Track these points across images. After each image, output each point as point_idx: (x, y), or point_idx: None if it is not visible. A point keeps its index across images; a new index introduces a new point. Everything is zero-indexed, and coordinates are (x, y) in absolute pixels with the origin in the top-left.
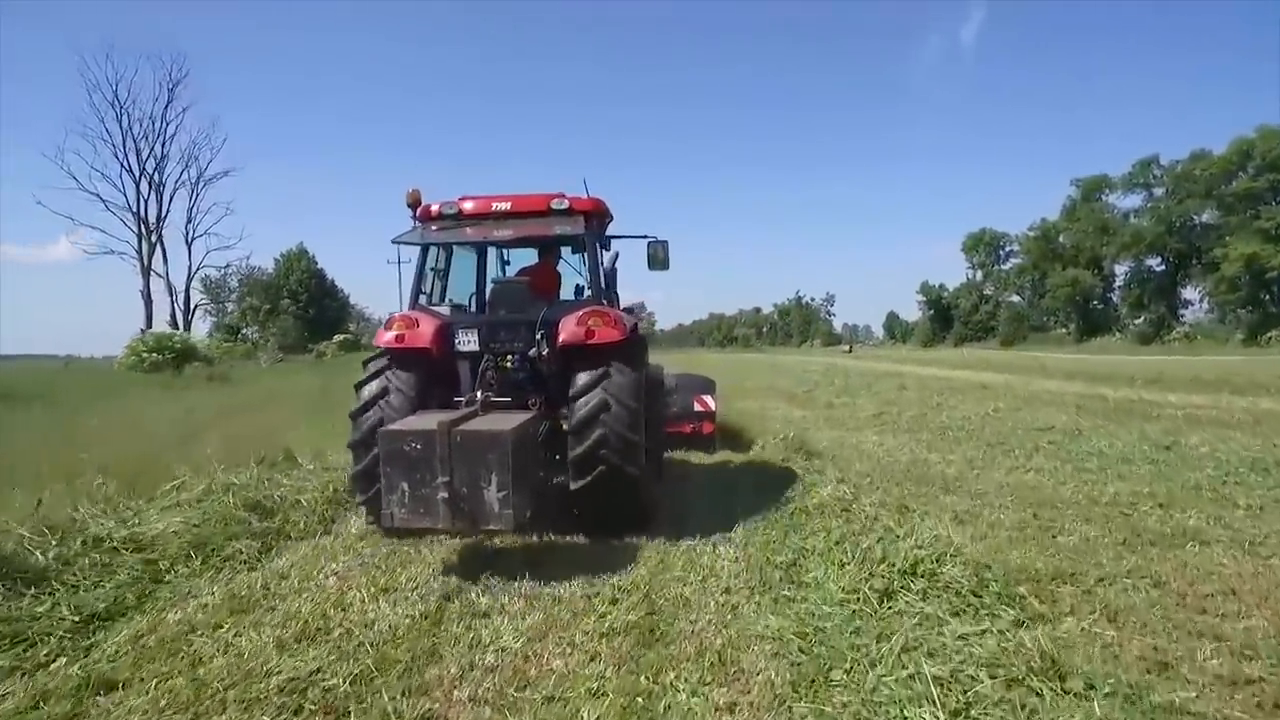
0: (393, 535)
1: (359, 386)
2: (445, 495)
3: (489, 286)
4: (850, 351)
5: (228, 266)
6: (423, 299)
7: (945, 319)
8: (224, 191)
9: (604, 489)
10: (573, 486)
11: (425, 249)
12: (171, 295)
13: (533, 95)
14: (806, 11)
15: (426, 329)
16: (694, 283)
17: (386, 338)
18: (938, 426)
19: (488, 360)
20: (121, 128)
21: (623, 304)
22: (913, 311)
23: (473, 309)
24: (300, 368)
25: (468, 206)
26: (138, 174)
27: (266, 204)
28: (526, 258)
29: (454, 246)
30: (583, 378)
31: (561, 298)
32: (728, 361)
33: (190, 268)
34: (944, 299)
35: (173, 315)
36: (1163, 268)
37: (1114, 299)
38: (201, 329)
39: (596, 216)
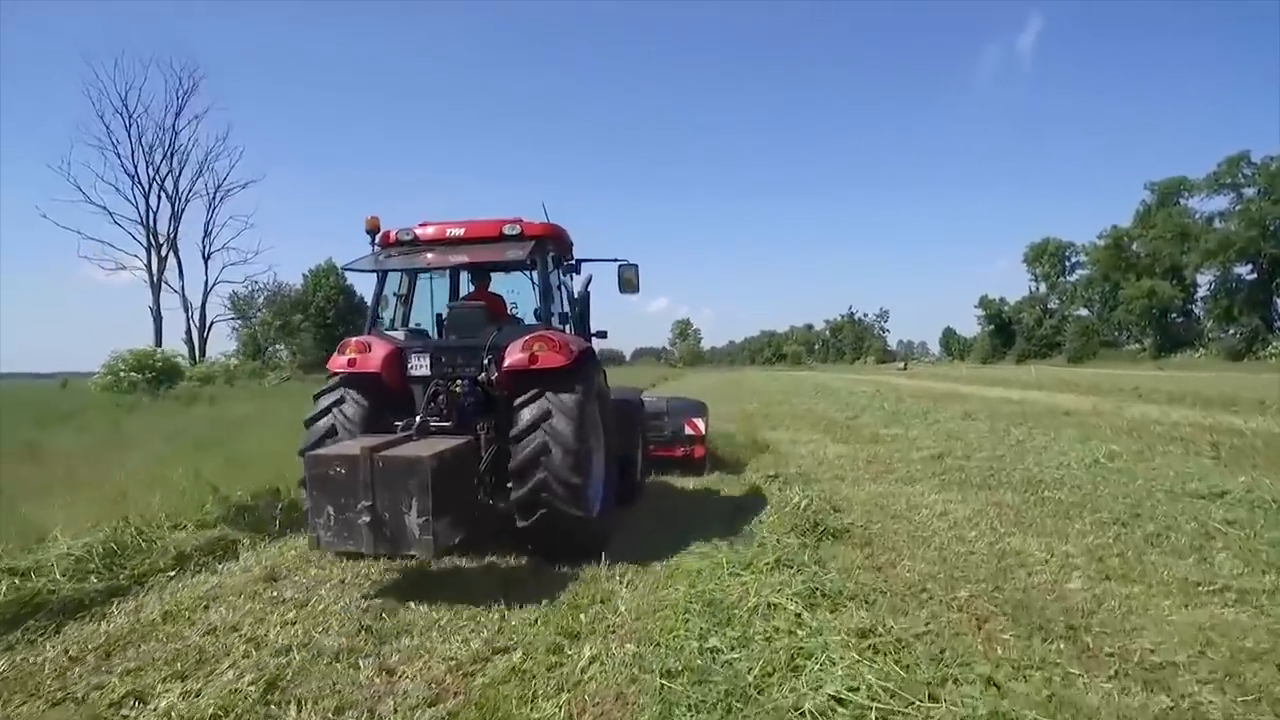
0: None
1: (311, 419)
2: (368, 519)
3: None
4: (905, 369)
5: (247, 281)
6: (381, 324)
7: (1006, 334)
8: (244, 204)
9: (547, 529)
10: (518, 524)
11: (383, 275)
12: (187, 311)
13: (579, 111)
14: (859, 24)
15: (378, 354)
16: (746, 300)
17: (339, 362)
18: (1025, 480)
19: (437, 385)
20: (130, 137)
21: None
22: (971, 327)
23: (434, 334)
24: (304, 388)
25: (422, 232)
26: (147, 185)
27: (297, 218)
28: (498, 283)
29: (416, 272)
30: (524, 414)
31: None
32: (769, 381)
33: (206, 283)
34: (1005, 313)
35: (188, 332)
36: (1254, 276)
37: (1196, 311)
38: (228, 346)
39: (551, 241)
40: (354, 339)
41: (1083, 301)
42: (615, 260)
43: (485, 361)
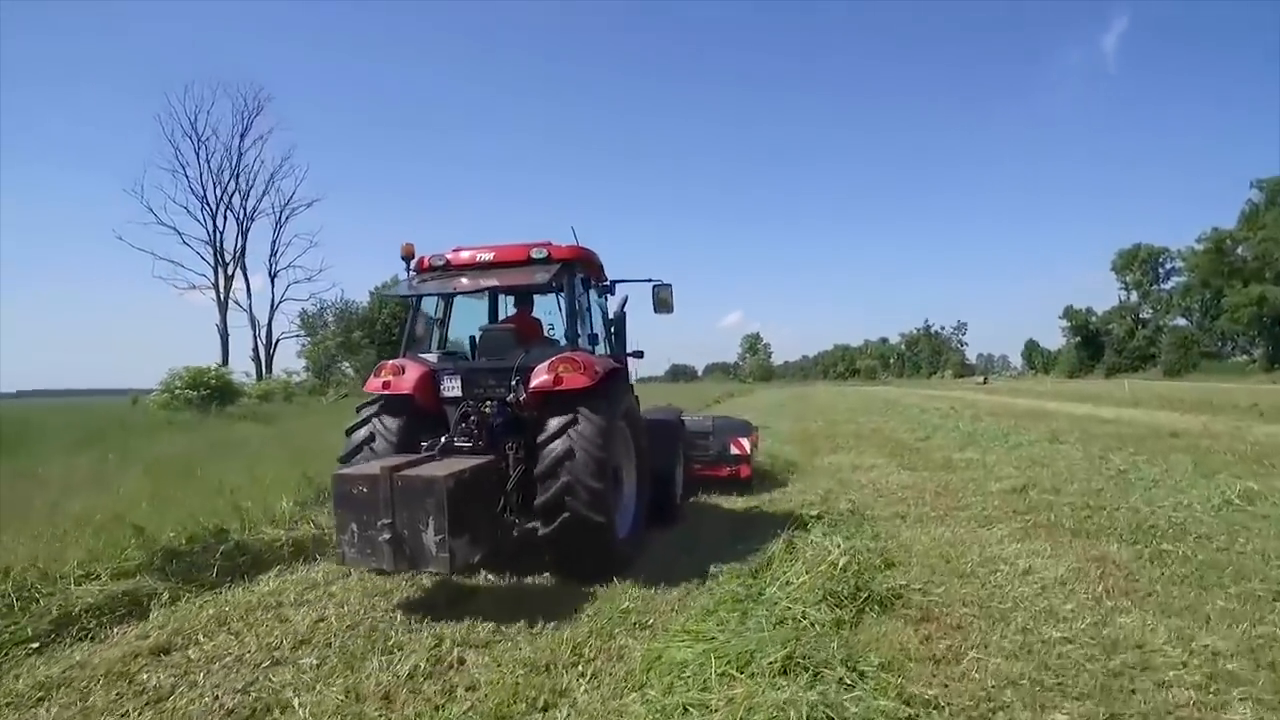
0: None
1: (350, 431)
2: (388, 537)
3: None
4: (984, 383)
5: (312, 298)
6: (416, 346)
7: (1094, 347)
8: (308, 223)
9: (570, 536)
10: (540, 533)
11: (417, 299)
12: (254, 329)
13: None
14: (934, 32)
15: (411, 376)
16: (820, 314)
17: (375, 384)
18: (1134, 526)
19: (467, 406)
20: (199, 159)
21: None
22: (1055, 339)
23: (470, 356)
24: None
25: (454, 258)
26: (215, 206)
27: (363, 235)
28: (541, 306)
29: (448, 296)
30: (550, 424)
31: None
32: (838, 397)
33: (273, 301)
34: (1092, 324)
35: (255, 349)
36: None
37: None
38: (296, 363)
39: (579, 264)
40: (389, 362)
41: (1180, 310)
42: (650, 281)
43: (513, 383)
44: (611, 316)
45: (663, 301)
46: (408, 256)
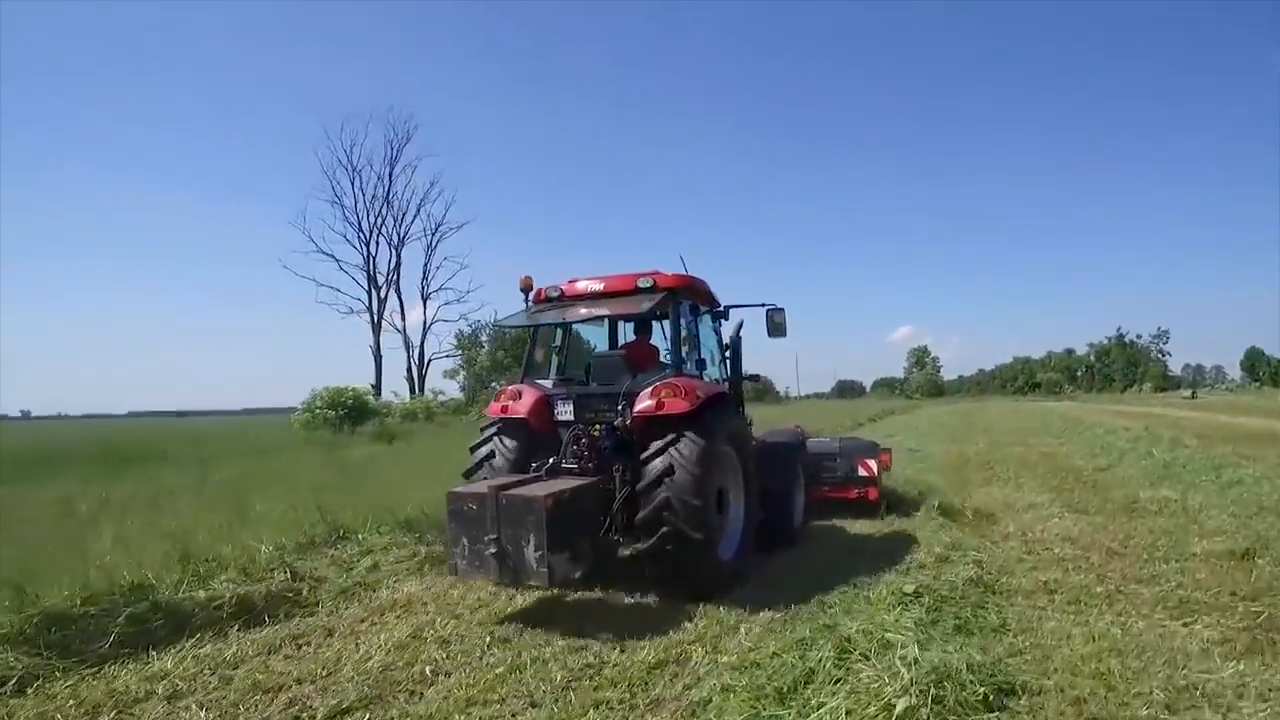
0: None
1: (473, 450)
2: (494, 551)
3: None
4: (1193, 398)
5: (460, 318)
6: (535, 372)
7: None
8: (459, 246)
9: (668, 551)
10: (641, 548)
11: (535, 328)
12: (408, 350)
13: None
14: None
15: (526, 401)
16: (997, 326)
17: (494, 408)
18: None
19: (577, 429)
20: (354, 188)
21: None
22: None
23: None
24: None
25: (568, 289)
26: (368, 233)
27: (518, 257)
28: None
29: (573, 325)
30: (652, 445)
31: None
32: (1009, 414)
33: (425, 322)
34: None
35: (409, 371)
36: None
37: None
38: (445, 384)
39: (685, 292)
40: (509, 387)
41: None
42: (763, 305)
43: (620, 407)
44: (726, 341)
45: (776, 325)
46: (526, 289)
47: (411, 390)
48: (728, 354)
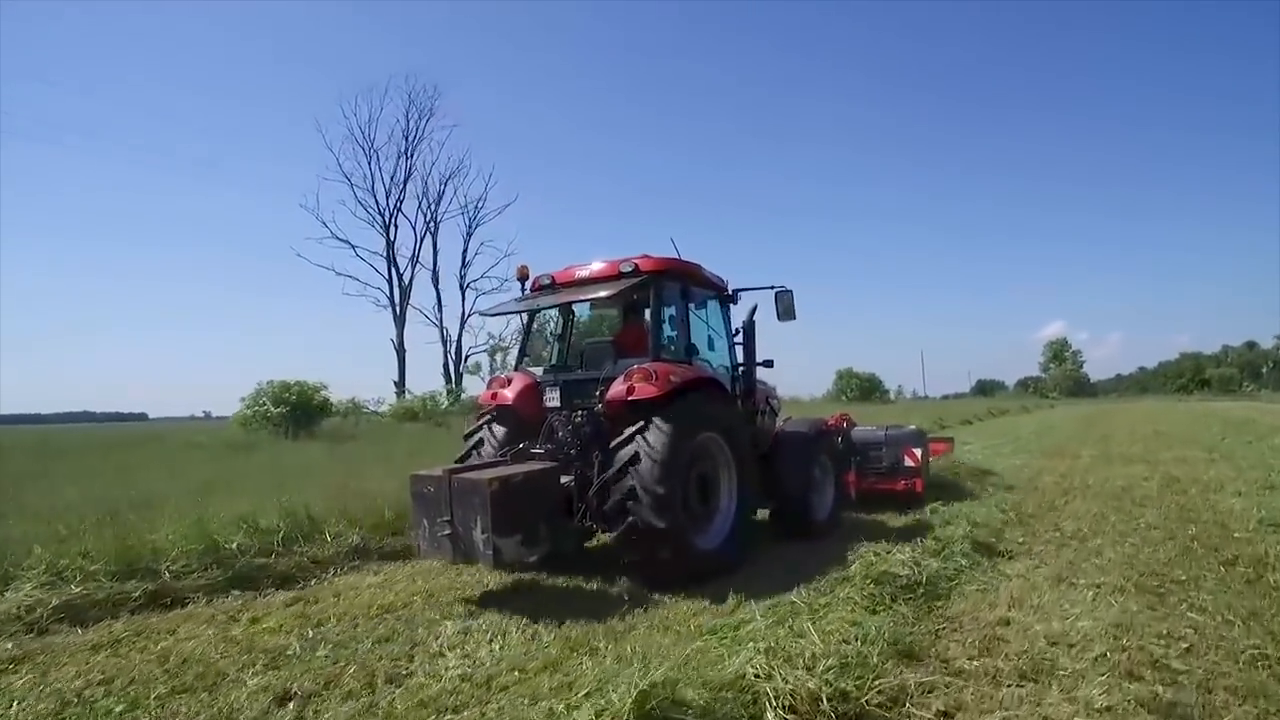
0: None
1: (466, 437)
2: (448, 533)
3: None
4: None
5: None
6: (530, 360)
7: None
8: (503, 231)
9: (635, 541)
10: (609, 537)
11: (531, 317)
12: (445, 344)
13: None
14: None
15: (515, 388)
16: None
17: (485, 396)
18: None
19: (555, 416)
20: (370, 167)
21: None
22: None
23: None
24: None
25: (559, 275)
26: (388, 216)
27: (569, 243)
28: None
29: (570, 311)
30: (624, 432)
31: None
32: (1154, 416)
33: (463, 314)
34: None
35: (445, 365)
36: None
37: None
38: (474, 383)
39: (670, 276)
40: (501, 375)
41: None
42: (772, 288)
43: (598, 393)
44: (737, 326)
45: (785, 308)
46: (522, 278)
47: (450, 386)
48: (737, 339)
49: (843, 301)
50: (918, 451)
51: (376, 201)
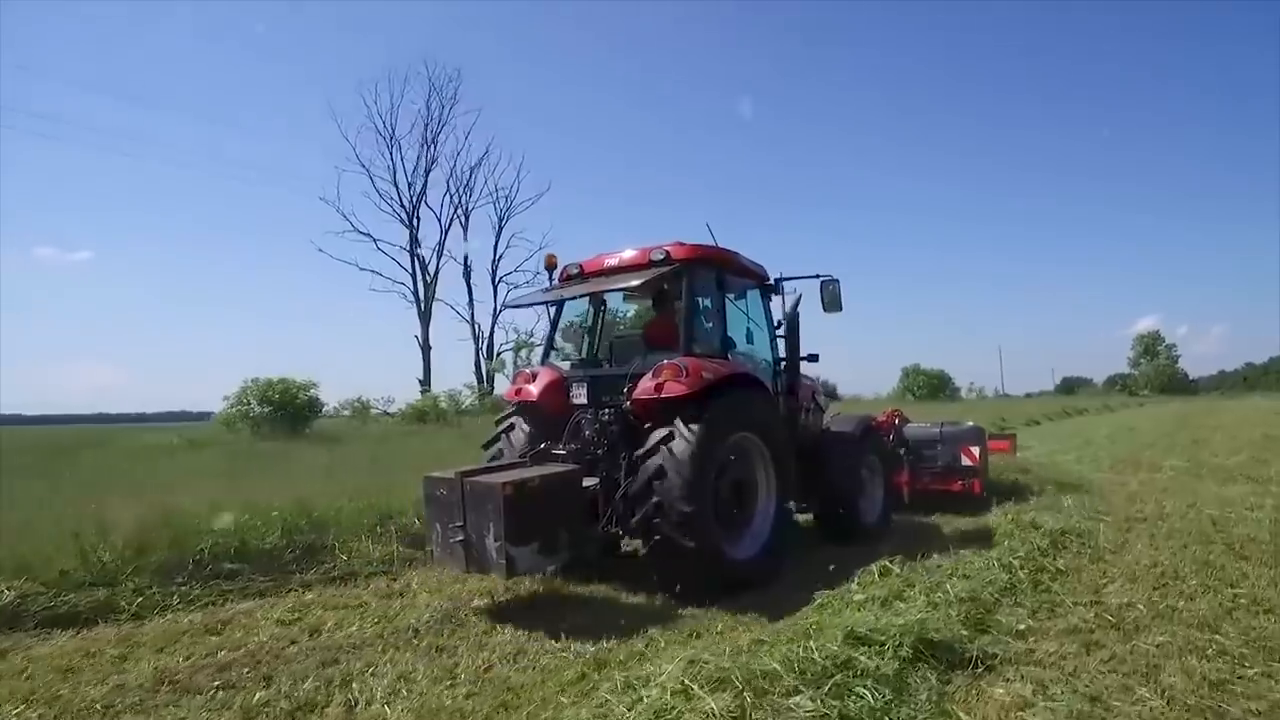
0: None
1: (493, 436)
2: (460, 539)
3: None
4: None
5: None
6: (558, 354)
7: None
8: (538, 222)
9: (663, 558)
10: (637, 550)
11: (559, 309)
12: (476, 341)
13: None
14: None
15: (540, 383)
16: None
17: (510, 392)
18: None
19: (582, 413)
20: (391, 156)
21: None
22: None
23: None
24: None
25: (587, 265)
26: (410, 207)
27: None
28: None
29: (602, 302)
30: (650, 439)
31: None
32: (1260, 418)
33: (495, 310)
34: None
35: (476, 363)
36: None
37: None
38: (501, 381)
39: (703, 264)
40: (525, 370)
41: None
42: (816, 276)
43: (625, 390)
44: (780, 318)
45: (831, 299)
46: (550, 267)
47: (480, 384)
48: (780, 332)
49: (918, 297)
50: (975, 450)
51: (399, 193)
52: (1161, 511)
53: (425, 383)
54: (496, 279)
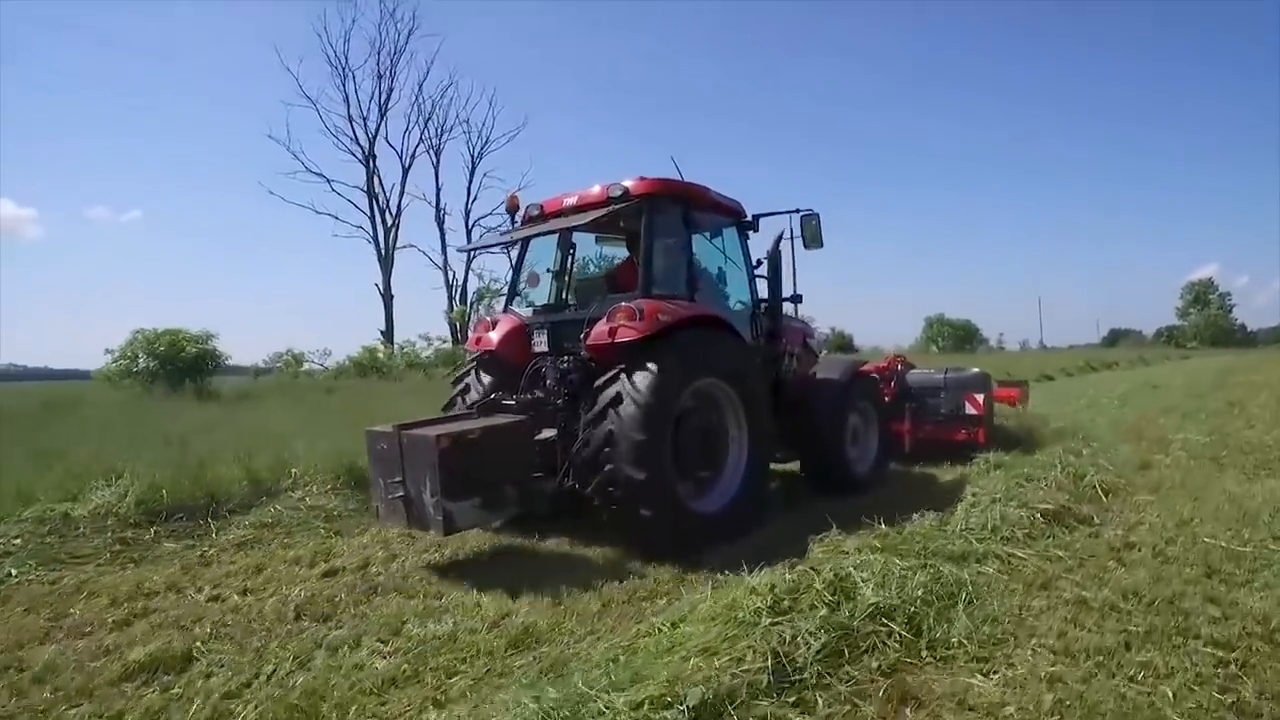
0: None
1: (453, 385)
2: (400, 494)
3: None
4: None
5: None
6: (521, 299)
7: None
8: (514, 160)
9: (611, 494)
10: (585, 492)
11: (523, 251)
12: (450, 289)
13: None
14: None
15: (500, 331)
16: None
17: (470, 340)
18: None
19: (543, 361)
20: (344, 91)
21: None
22: None
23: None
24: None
25: (547, 205)
26: (367, 145)
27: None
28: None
29: (570, 244)
30: (601, 379)
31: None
32: None
33: (469, 256)
34: None
35: (449, 311)
36: None
37: None
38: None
39: (666, 199)
40: (485, 318)
41: None
42: (795, 211)
43: (582, 335)
44: (760, 258)
45: (812, 235)
46: (512, 209)
47: (453, 335)
48: (759, 272)
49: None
50: (980, 398)
51: (353, 130)
52: (1125, 542)
53: (388, 334)
54: (470, 222)
